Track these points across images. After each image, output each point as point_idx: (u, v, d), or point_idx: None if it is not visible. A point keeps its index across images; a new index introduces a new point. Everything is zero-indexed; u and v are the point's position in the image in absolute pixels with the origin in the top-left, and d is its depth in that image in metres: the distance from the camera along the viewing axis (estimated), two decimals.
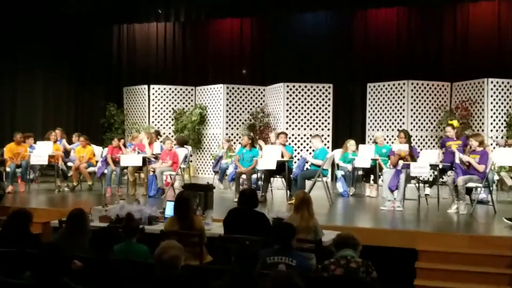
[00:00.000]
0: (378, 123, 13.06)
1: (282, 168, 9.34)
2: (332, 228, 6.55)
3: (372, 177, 10.40)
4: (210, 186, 7.60)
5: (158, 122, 14.51)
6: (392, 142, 11.73)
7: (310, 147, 12.70)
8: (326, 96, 13.36)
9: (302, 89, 13.31)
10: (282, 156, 9.35)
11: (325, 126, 13.35)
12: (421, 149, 11.28)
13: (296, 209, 5.88)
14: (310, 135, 13.03)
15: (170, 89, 14.56)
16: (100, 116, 14.69)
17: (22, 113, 13.20)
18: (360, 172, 10.39)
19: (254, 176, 9.62)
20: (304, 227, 5.73)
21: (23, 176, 10.29)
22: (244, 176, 9.51)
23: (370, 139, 12.80)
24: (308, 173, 9.36)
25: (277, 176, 9.78)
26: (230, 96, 13.92)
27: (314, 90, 13.34)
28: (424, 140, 12.63)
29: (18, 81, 13.33)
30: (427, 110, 12.73)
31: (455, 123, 9.06)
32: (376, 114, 13.12)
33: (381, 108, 13.04)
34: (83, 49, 14.56)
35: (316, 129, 13.22)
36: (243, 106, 14.05)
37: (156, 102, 14.51)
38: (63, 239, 4.83)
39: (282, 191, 10.21)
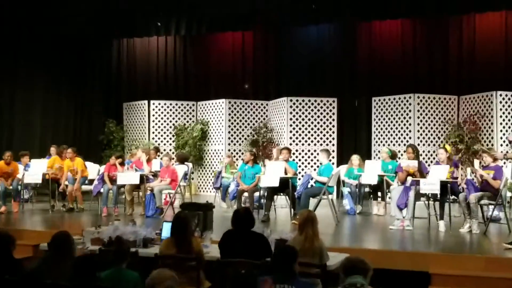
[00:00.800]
0: (384, 138, 12.70)
1: (285, 186, 8.95)
2: (339, 250, 6.16)
3: (379, 194, 10.01)
4: (209, 205, 7.23)
5: (159, 138, 14.18)
6: (399, 158, 11.35)
7: (315, 163, 12.35)
8: (331, 110, 13.02)
9: (306, 104, 12.98)
10: (286, 173, 8.97)
11: (330, 142, 12.99)
12: (428, 165, 10.88)
13: (300, 229, 5.50)
14: (315, 150, 12.72)
15: (170, 104, 14.25)
16: (99, 132, 14.36)
17: (21, 130, 12.92)
18: (367, 189, 10.01)
19: (257, 194, 9.24)
20: (308, 249, 5.34)
21: (15, 196, 9.94)
22: (246, 194, 9.13)
23: (376, 155, 12.43)
24: (312, 190, 8.96)
25: (281, 193, 9.39)
26: (232, 111, 13.59)
27: (318, 104, 13.01)
28: (431, 155, 12.24)
29: (17, 96, 13.09)
30: (434, 125, 12.37)
31: (448, 147, 8.65)
32: (382, 129, 12.77)
33: (386, 122, 12.69)
34: (82, 65, 14.32)
35: (321, 144, 12.87)
36: (246, 121, 13.72)
37: (156, 118, 14.19)
38: (46, 265, 4.46)
39: (286, 209, 9.81)
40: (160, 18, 13.17)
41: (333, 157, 12.82)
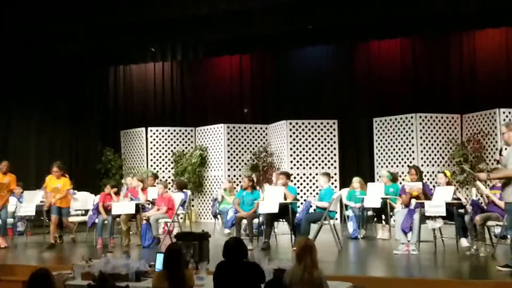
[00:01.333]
0: (387, 159, 12.42)
1: (285, 211, 8.65)
2: (342, 278, 5.85)
3: (383, 217, 9.71)
4: (205, 234, 6.94)
5: (157, 165, 13.94)
6: (403, 179, 11.07)
7: (317, 187, 12.06)
8: (331, 132, 12.79)
9: (306, 126, 12.75)
10: (285, 198, 8.68)
11: (332, 164, 12.72)
12: (433, 186, 10.57)
13: (298, 259, 5.18)
14: (316, 174, 12.43)
15: (168, 130, 14.05)
16: (97, 161, 14.12)
17: (15, 157, 12.59)
18: (370, 213, 9.71)
19: (256, 220, 8.92)
20: (308, 280, 5.04)
21: (2, 229, 9.49)
22: (245, 221, 8.83)
23: (380, 177, 12.12)
24: (313, 216, 8.66)
25: (281, 220, 9.09)
26: (231, 136, 13.37)
27: (319, 127, 12.78)
28: (435, 176, 11.90)
29: (12, 123, 12.90)
30: (437, 144, 12.11)
31: (447, 172, 8.39)
32: (384, 150, 12.51)
33: (389, 143, 12.43)
34: (78, 92, 14.15)
35: (322, 168, 12.60)
36: (245, 146, 13.48)
37: (154, 145, 13.98)
38: None
39: (288, 236, 9.48)
40: (156, 44, 13.00)
41: (335, 180, 12.56)
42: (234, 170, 13.26)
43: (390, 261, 7.66)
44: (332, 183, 12.51)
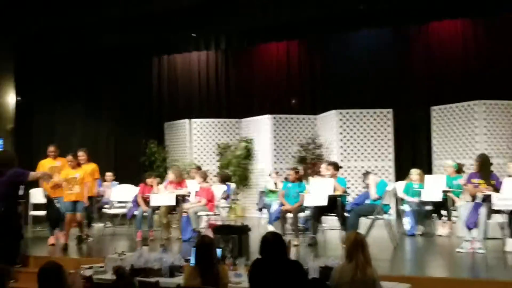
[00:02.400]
0: (446, 151, 11.46)
1: (334, 205, 7.93)
2: (398, 279, 5.13)
3: (443, 212, 8.84)
4: (245, 228, 6.35)
5: (201, 158, 13.45)
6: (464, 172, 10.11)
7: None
8: (385, 123, 11.95)
9: (358, 116, 11.96)
10: (334, 191, 7.97)
11: (386, 157, 11.89)
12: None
13: (348, 256, 4.50)
14: (369, 167, 11.66)
15: (213, 122, 13.53)
16: (141, 153, 13.77)
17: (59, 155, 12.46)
18: (429, 207, 8.85)
19: (302, 214, 8.23)
20: (360, 279, 4.35)
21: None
22: (290, 215, 8.17)
23: (438, 169, 11.20)
24: (363, 208, 7.87)
25: (329, 214, 8.37)
26: (277, 127, 12.71)
27: (371, 116, 11.96)
28: (501, 168, 10.86)
29: (56, 117, 12.75)
30: (504, 134, 11.06)
31: None
32: (443, 141, 11.55)
33: (449, 133, 11.46)
34: (122, 84, 13.84)
35: (376, 160, 11.81)
36: (292, 137, 12.79)
37: (198, 137, 13.49)
38: None
39: (337, 231, 8.72)
40: (199, 32, 12.48)
41: (389, 174, 11.76)
42: (281, 162, 12.60)
43: (452, 260, 6.89)
44: (386, 177, 11.73)
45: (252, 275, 4.55)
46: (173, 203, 8.65)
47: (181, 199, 8.78)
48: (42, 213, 8.98)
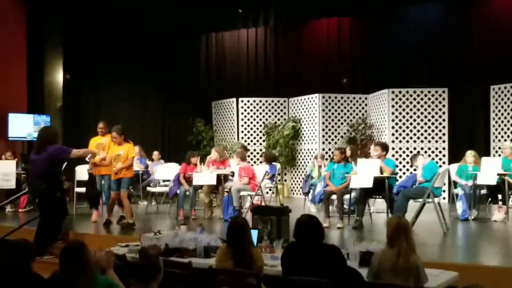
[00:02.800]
0: (505, 132, 10.78)
1: (381, 187, 7.56)
2: (446, 266, 4.77)
3: (500, 197, 8.29)
4: (285, 209, 6.10)
5: (248, 138, 13.24)
6: None
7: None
8: (440, 102, 11.33)
9: (411, 95, 11.40)
10: (382, 172, 7.59)
11: (440, 138, 11.31)
12: None
13: (390, 242, 4.20)
14: (422, 148, 11.15)
15: (260, 101, 13.26)
16: (188, 132, 13.71)
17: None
18: (484, 191, 8.33)
19: (347, 197, 7.89)
20: (402, 266, 4.05)
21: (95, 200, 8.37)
22: (334, 197, 7.86)
23: (496, 152, 10.57)
24: (412, 191, 7.46)
25: (376, 196, 8.00)
26: (326, 107, 12.31)
27: (426, 96, 11.37)
28: None
29: (102, 96, 12.91)
30: None
31: None
32: (503, 122, 10.86)
33: (508, 114, 10.76)
34: (170, 62, 13.79)
35: (429, 141, 11.26)
36: (342, 117, 12.38)
37: (245, 116, 13.27)
38: (58, 281, 3.57)
39: (384, 214, 8.35)
40: (247, 9, 12.22)
41: (443, 156, 11.19)
42: (330, 143, 12.23)
43: (507, 248, 6.41)
44: (440, 159, 11.19)
45: (285, 259, 4.32)
46: (214, 182, 8.48)
47: (223, 179, 8.61)
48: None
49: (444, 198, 10.85)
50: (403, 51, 12.40)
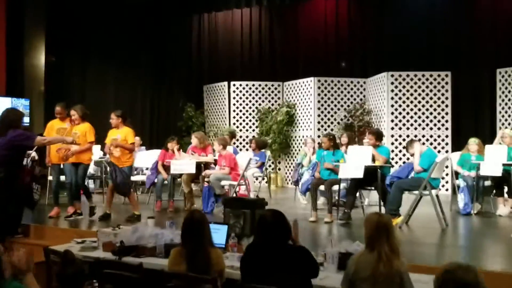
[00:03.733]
0: None
1: (374, 177, 6.87)
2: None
3: (506, 189, 7.61)
4: (260, 201, 5.43)
5: (240, 123, 12.57)
6: None
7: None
8: (443, 87, 10.66)
9: (412, 79, 10.72)
10: (374, 161, 6.90)
11: (442, 125, 10.62)
12: None
13: (369, 244, 3.55)
14: (423, 136, 10.46)
15: (253, 85, 12.56)
16: (178, 118, 13.06)
17: (91, 115, 11.89)
18: (488, 183, 7.63)
19: (336, 187, 7.19)
20: (384, 274, 3.38)
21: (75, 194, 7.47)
22: (322, 187, 7.17)
23: (502, 137, 9.83)
24: (406, 182, 6.76)
25: (368, 187, 7.31)
26: (322, 91, 11.62)
27: (427, 80, 10.70)
28: None
29: (88, 79, 12.27)
30: None
31: None
32: (510, 108, 10.15)
33: None
34: (160, 43, 13.16)
35: (431, 128, 10.59)
36: (339, 102, 11.69)
37: (237, 101, 12.59)
38: None
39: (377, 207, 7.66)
40: None
41: (446, 144, 10.50)
42: (325, 130, 11.53)
43: None
44: (443, 147, 10.48)
45: (244, 262, 3.65)
46: (193, 171, 7.77)
47: (203, 167, 7.94)
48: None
49: (447, 190, 10.17)
50: (403, 33, 11.75)
